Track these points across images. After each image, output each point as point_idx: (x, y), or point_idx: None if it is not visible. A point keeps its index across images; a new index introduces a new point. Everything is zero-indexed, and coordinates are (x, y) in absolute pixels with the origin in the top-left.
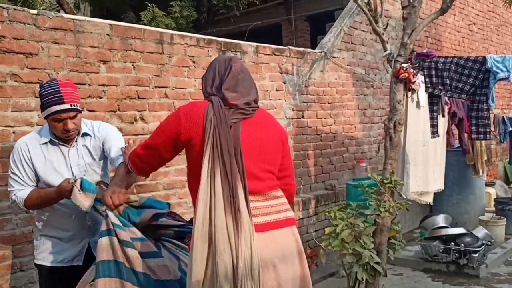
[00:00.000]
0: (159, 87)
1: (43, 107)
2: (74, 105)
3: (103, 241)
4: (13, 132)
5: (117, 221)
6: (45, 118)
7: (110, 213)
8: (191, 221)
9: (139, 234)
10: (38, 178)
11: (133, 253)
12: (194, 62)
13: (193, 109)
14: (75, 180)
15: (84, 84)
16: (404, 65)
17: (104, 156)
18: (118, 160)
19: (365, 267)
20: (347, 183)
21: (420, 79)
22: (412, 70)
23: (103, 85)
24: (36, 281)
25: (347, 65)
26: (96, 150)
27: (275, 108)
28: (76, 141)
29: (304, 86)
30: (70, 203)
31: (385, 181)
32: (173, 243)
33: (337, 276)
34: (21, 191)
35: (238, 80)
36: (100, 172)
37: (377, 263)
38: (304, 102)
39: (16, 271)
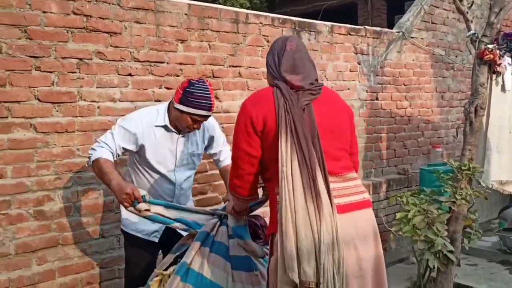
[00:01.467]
0: (233, 66)
1: (189, 105)
2: (211, 114)
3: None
4: (98, 107)
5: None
6: (181, 111)
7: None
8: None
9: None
10: (138, 156)
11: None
12: (268, 41)
13: (259, 98)
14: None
15: (163, 62)
16: (490, 46)
17: (204, 146)
18: (222, 154)
19: (437, 255)
20: (421, 168)
21: (506, 61)
22: (498, 51)
23: (180, 63)
24: (116, 248)
25: (426, 46)
26: (201, 141)
27: (349, 89)
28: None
29: (379, 67)
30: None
31: (463, 168)
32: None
33: (407, 262)
34: (102, 149)
35: (295, 59)
36: (197, 163)
37: (451, 251)
38: (378, 84)
39: (98, 237)
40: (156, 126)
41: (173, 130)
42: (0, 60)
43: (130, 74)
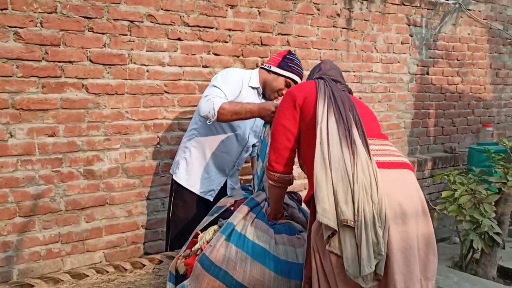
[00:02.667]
0: (282, 34)
1: (288, 69)
2: None
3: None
4: (147, 71)
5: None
6: (277, 74)
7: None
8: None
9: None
10: None
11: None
12: (318, 10)
13: (302, 85)
14: None
15: (212, 28)
16: None
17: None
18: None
19: (483, 236)
20: (470, 147)
21: None
22: None
23: (229, 29)
24: (161, 210)
25: (483, 19)
26: None
27: (398, 62)
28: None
29: (432, 40)
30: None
31: None
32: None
33: (449, 242)
34: (219, 98)
35: (329, 70)
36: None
37: (497, 233)
38: (430, 58)
39: (143, 199)
40: (249, 87)
41: (261, 94)
42: (55, 20)
43: (179, 39)
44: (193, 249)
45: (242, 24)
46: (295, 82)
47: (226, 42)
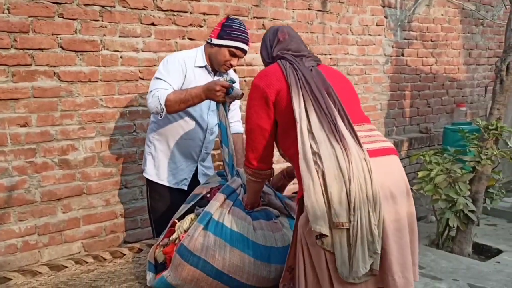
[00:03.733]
0: (257, 18)
1: (227, 38)
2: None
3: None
4: (121, 57)
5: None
6: (218, 46)
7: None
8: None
9: None
10: None
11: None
12: None
13: (267, 71)
14: (228, 82)
15: (186, 12)
16: None
17: None
18: (234, 125)
19: (458, 214)
20: (445, 127)
21: None
22: None
23: (204, 13)
24: (139, 198)
25: (456, 0)
26: None
27: (374, 44)
28: (220, 76)
29: (406, 21)
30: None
31: (490, 127)
32: None
33: (425, 221)
34: (164, 90)
35: (290, 45)
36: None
37: (472, 211)
38: (405, 39)
39: (121, 187)
40: (196, 67)
41: (211, 71)
42: (23, 6)
43: (153, 24)
44: (171, 238)
45: (216, 8)
46: (241, 49)
47: (201, 26)
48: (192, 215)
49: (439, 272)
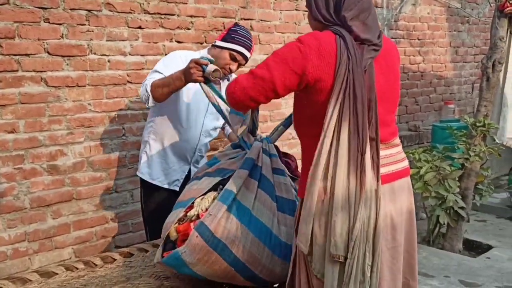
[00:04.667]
0: (245, 19)
1: (231, 41)
2: (248, 59)
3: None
4: (108, 61)
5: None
6: (220, 47)
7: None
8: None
9: None
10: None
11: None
12: None
13: (323, 45)
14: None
15: (173, 15)
16: None
17: None
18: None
19: (448, 211)
20: (433, 124)
21: None
22: None
23: (191, 16)
24: (130, 202)
25: None
26: None
27: None
28: (220, 83)
29: (393, 20)
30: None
31: (478, 124)
32: None
33: (416, 218)
34: (154, 79)
35: (363, 4)
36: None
37: (462, 208)
38: (392, 38)
39: (111, 192)
40: None
41: None
42: (8, 12)
43: (140, 27)
44: (188, 214)
45: (204, 10)
46: (241, 54)
47: (189, 29)
48: (214, 193)
49: (431, 269)
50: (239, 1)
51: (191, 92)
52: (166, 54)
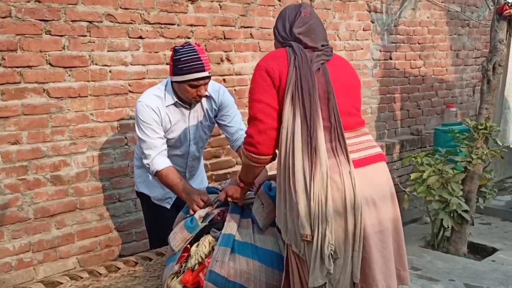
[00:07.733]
0: (244, 27)
1: (181, 73)
2: (210, 72)
3: None
4: (110, 72)
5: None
6: (178, 82)
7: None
8: None
9: None
10: None
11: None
12: (279, 0)
13: (273, 55)
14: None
15: (173, 24)
16: (510, 0)
17: (213, 119)
18: (237, 134)
19: (452, 215)
20: (435, 128)
21: None
22: None
23: (191, 25)
24: (133, 211)
25: (441, 2)
26: (211, 112)
27: (362, 48)
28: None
29: (393, 25)
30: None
31: (480, 127)
32: None
33: (420, 222)
34: (156, 158)
35: (310, 25)
36: (208, 134)
37: (465, 211)
38: (392, 43)
39: (115, 201)
40: (167, 106)
41: (183, 105)
42: (10, 24)
43: (140, 37)
44: (188, 264)
45: (203, 19)
46: (200, 78)
47: (189, 38)
48: (209, 238)
49: (436, 273)
50: (238, 9)
51: (177, 127)
52: (167, 64)
